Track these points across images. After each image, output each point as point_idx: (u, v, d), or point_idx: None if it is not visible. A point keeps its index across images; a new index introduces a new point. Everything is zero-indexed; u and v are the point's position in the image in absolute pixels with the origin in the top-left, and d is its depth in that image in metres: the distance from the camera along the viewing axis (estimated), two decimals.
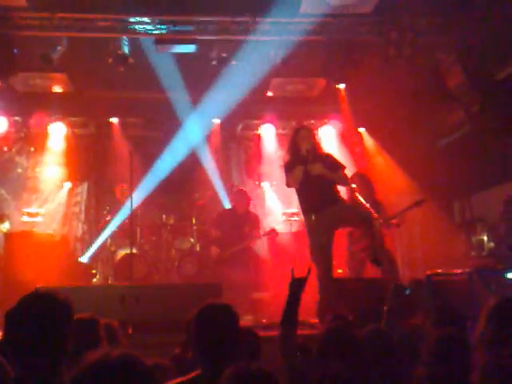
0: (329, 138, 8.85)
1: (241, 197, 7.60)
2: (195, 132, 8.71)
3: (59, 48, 6.77)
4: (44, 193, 9.11)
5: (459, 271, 5.51)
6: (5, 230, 7.60)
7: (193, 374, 2.33)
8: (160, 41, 6.94)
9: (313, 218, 5.42)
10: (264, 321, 5.52)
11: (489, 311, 2.05)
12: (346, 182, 5.68)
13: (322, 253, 5.35)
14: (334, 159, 5.71)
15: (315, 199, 5.42)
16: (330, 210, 5.40)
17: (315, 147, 5.56)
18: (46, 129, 9.03)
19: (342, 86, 7.66)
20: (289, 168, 5.53)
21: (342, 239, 6.27)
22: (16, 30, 6.74)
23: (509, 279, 4.88)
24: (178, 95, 8.17)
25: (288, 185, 5.60)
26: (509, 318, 1.98)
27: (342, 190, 5.86)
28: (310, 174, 5.35)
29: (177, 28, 6.86)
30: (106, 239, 8.05)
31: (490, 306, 2.08)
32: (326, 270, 5.28)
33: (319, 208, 5.41)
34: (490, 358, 1.95)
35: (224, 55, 6.97)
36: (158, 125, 9.13)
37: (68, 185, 9.24)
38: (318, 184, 5.36)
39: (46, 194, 9.13)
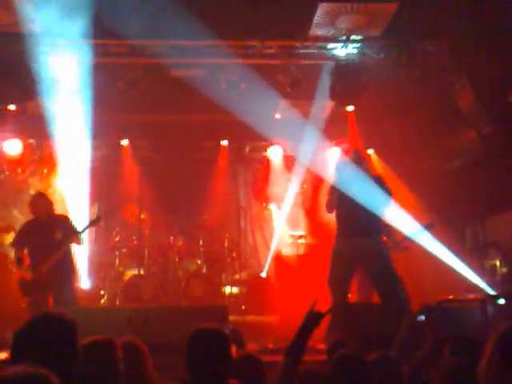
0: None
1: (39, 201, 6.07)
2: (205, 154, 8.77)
3: None
4: None
5: (472, 297, 5.40)
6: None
7: None
8: (170, 65, 7.06)
9: (340, 243, 5.27)
10: (270, 345, 5.44)
11: (499, 336, 1.97)
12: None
13: (338, 282, 5.22)
14: (381, 183, 5.40)
15: (348, 225, 5.25)
16: (361, 243, 5.15)
17: (362, 171, 5.29)
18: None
19: (350, 108, 7.67)
20: (329, 192, 5.42)
21: None
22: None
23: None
24: (187, 117, 8.25)
25: (325, 208, 5.47)
26: None
27: None
28: (349, 199, 5.11)
29: (187, 52, 6.98)
30: None
31: (500, 330, 2.00)
32: (339, 298, 5.16)
33: (349, 234, 5.22)
34: None
35: (233, 78, 7.05)
36: (168, 147, 9.21)
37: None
38: (355, 211, 5.12)
39: None
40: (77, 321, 2.09)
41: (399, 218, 6.31)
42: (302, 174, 8.67)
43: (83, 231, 6.00)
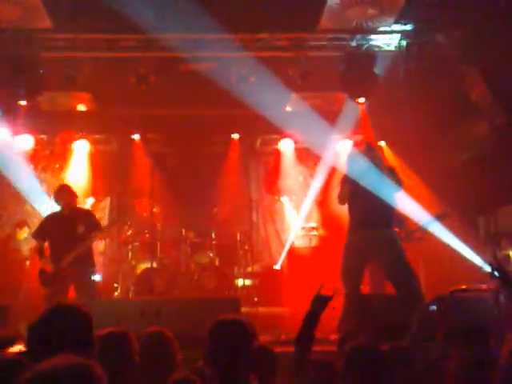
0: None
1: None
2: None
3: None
4: None
5: (484, 287, 5.38)
6: (25, 235, 7.76)
7: None
8: (181, 59, 7.08)
9: (352, 235, 5.28)
10: (283, 337, 5.47)
11: None
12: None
13: (350, 275, 5.22)
14: (393, 174, 5.40)
15: (360, 216, 5.25)
16: (373, 235, 5.16)
17: (374, 162, 5.27)
18: (71, 146, 9.23)
19: (361, 100, 7.63)
20: (341, 183, 5.43)
21: None
22: (42, 51, 6.97)
23: None
24: (198, 111, 8.27)
25: (337, 200, 5.48)
26: None
27: None
28: (361, 191, 5.12)
29: (198, 46, 6.99)
30: None
31: None
32: (352, 290, 5.16)
33: (361, 226, 5.23)
34: None
35: (243, 72, 7.05)
36: (179, 141, 9.25)
37: (91, 200, 9.37)
38: (368, 202, 5.12)
39: None
40: (91, 313, 2.12)
41: (412, 209, 6.31)
42: (326, 169, 8.59)
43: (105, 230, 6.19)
